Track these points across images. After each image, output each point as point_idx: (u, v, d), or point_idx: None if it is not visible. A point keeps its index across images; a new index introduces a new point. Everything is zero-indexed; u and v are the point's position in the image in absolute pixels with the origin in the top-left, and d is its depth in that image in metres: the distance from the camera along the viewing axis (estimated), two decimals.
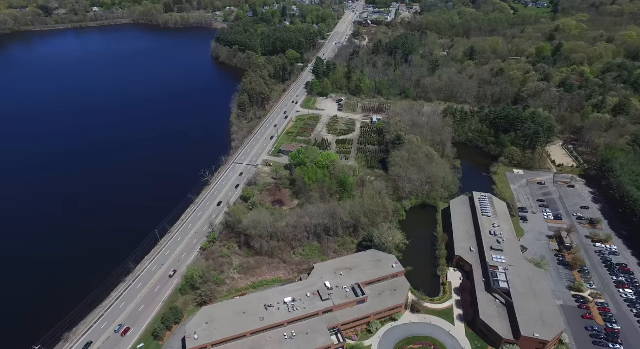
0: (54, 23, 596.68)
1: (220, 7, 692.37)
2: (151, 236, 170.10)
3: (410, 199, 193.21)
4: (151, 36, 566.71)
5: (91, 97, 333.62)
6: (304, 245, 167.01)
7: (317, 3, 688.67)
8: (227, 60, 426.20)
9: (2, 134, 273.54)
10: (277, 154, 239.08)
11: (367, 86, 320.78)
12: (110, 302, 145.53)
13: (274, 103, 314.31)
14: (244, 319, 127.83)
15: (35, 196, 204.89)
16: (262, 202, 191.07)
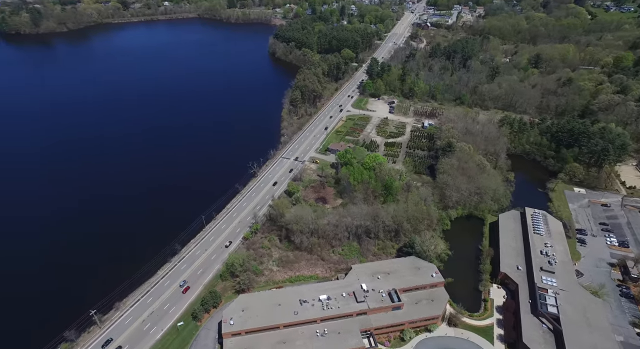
0: (130, 16, 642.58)
1: (280, 5, 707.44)
2: (198, 221, 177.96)
3: (457, 209, 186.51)
4: (213, 30, 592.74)
5: (154, 87, 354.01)
6: (343, 245, 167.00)
7: (376, 3, 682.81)
8: (283, 56, 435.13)
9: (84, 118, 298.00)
10: (324, 152, 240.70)
11: (421, 90, 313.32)
12: (156, 279, 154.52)
13: (325, 101, 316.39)
14: (279, 311, 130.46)
15: (105, 177, 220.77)
16: (305, 199, 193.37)
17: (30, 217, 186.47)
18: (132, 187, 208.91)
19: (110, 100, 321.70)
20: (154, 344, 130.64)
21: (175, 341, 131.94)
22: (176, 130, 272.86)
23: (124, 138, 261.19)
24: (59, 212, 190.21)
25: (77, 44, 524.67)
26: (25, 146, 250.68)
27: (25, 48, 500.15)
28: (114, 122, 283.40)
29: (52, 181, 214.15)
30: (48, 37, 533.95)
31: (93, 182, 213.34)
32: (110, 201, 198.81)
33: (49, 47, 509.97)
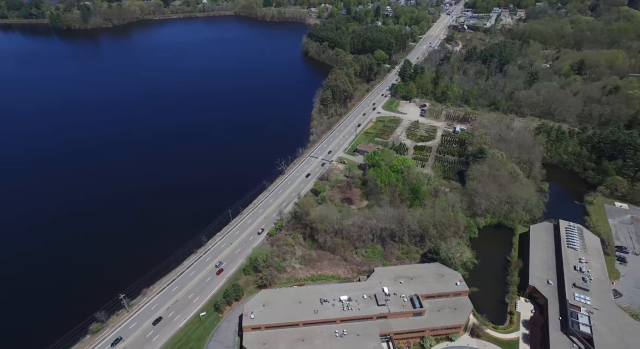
0: (170, 13, 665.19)
1: (316, 4, 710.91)
2: (224, 215, 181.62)
3: (485, 217, 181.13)
4: (249, 28, 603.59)
5: (189, 84, 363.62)
6: (367, 246, 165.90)
7: (412, 5, 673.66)
8: (315, 55, 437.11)
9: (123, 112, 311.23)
10: (352, 153, 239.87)
11: (454, 94, 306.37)
12: (182, 269, 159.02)
13: (356, 102, 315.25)
14: (299, 308, 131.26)
15: (140, 170, 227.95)
16: (331, 198, 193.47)
17: (75, 207, 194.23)
18: (164, 180, 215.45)
19: (147, 96, 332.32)
20: (177, 332, 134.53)
21: (198, 330, 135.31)
22: (208, 126, 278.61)
23: (159, 133, 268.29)
24: (99, 203, 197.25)
25: (120, 39, 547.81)
26: (68, 138, 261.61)
27: (75, 42, 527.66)
28: (150, 117, 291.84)
29: (96, 172, 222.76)
30: (95, 33, 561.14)
31: (131, 175, 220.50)
32: (144, 192, 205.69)
33: (95, 41, 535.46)
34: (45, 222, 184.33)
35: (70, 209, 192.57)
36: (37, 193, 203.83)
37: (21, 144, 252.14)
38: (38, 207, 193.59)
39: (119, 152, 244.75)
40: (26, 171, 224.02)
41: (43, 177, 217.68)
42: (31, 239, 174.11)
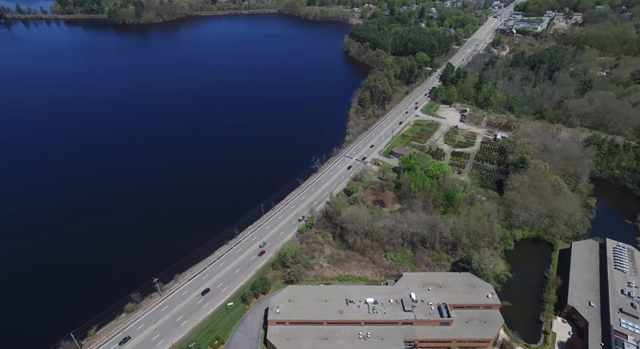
0: (217, 9, 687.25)
1: (359, 4, 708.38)
2: (256, 209, 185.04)
3: (523, 230, 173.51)
4: (292, 26, 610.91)
5: (232, 80, 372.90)
6: (396, 250, 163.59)
7: (458, 7, 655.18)
8: (356, 55, 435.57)
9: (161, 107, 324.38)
10: (387, 155, 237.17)
11: (497, 100, 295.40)
12: (213, 259, 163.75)
13: (394, 104, 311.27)
14: (324, 307, 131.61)
15: (181, 164, 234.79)
16: (363, 199, 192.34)
17: (124, 198, 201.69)
18: (202, 175, 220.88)
19: (190, 91, 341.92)
20: (205, 319, 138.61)
21: (225, 319, 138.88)
22: (247, 124, 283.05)
23: (197, 129, 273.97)
24: (142, 194, 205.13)
25: (168, 33, 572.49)
26: (117, 131, 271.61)
27: (127, 36, 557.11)
28: (192, 112, 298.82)
29: (136, 165, 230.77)
30: (146, 27, 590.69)
31: (169, 170, 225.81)
32: (182, 184, 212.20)
33: (145, 36, 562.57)
34: (98, 211, 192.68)
35: (120, 200, 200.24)
36: (92, 181, 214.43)
37: (78, 133, 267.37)
38: (93, 194, 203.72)
39: (158, 147, 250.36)
40: (82, 159, 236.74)
41: (94, 168, 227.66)
42: (82, 225, 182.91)
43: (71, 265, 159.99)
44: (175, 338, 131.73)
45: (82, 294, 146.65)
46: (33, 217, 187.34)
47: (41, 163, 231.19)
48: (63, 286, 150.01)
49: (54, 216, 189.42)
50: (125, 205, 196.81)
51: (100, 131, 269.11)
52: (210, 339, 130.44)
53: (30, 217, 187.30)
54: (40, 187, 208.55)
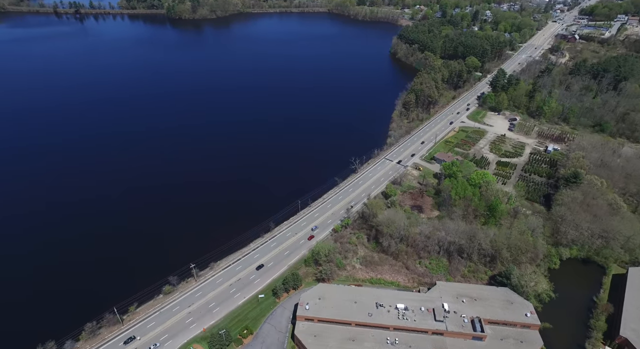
0: (267, 7, 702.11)
1: (410, 5, 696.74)
2: (293, 205, 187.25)
3: (571, 249, 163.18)
4: (341, 25, 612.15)
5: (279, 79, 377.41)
6: (431, 258, 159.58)
7: (515, 10, 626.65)
8: (403, 57, 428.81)
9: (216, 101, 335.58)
10: (429, 160, 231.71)
11: (551, 110, 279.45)
12: (247, 250, 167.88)
13: (439, 108, 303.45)
14: (354, 308, 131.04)
15: (228, 159, 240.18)
16: (401, 203, 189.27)
17: (171, 189, 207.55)
18: (246, 167, 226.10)
19: (238, 87, 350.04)
20: (236, 309, 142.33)
21: (255, 310, 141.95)
22: (291, 121, 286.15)
23: (246, 125, 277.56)
24: (190, 184, 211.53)
25: (220, 29, 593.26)
26: (164, 126, 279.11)
27: (183, 31, 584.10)
28: (238, 110, 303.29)
29: (180, 159, 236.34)
30: (200, 22, 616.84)
31: (216, 165, 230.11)
32: (226, 178, 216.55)
33: (199, 31, 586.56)
34: (144, 200, 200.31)
35: (170, 191, 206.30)
36: (149, 173, 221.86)
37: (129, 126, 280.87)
38: (143, 184, 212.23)
39: (199, 142, 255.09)
40: (143, 150, 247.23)
41: (151, 160, 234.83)
42: (133, 214, 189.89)
43: (118, 249, 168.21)
44: (207, 324, 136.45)
45: (126, 275, 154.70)
46: (92, 205, 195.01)
47: (109, 150, 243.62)
48: (109, 267, 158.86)
49: (114, 205, 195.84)
50: (174, 196, 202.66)
51: (151, 124, 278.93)
52: (240, 328, 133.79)
53: (89, 205, 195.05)
54: (107, 174, 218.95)
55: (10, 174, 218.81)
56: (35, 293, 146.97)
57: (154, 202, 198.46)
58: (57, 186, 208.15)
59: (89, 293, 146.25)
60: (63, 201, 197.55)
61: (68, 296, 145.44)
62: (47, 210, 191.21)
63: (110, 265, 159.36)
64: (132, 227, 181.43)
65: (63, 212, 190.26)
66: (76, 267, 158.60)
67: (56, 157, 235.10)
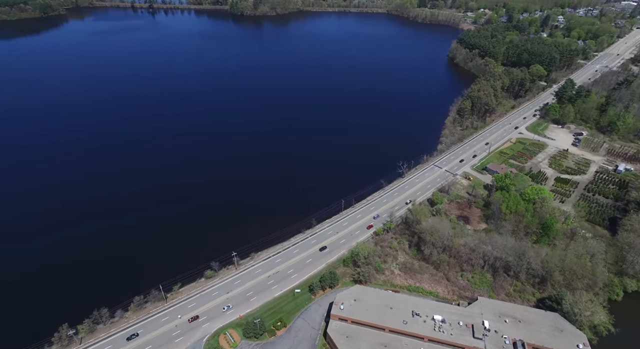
0: (327, 6, 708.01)
1: (474, 8, 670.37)
2: (337, 204, 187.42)
3: (639, 281, 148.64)
4: (399, 27, 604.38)
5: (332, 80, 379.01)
6: (475, 272, 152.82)
7: (594, 15, 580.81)
8: (462, 62, 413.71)
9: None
10: (480, 170, 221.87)
11: (626, 126, 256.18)
12: (288, 245, 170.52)
13: (496, 117, 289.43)
14: (389, 313, 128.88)
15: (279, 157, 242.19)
16: (447, 212, 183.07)
17: (229, 185, 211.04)
18: (294, 164, 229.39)
19: (292, 85, 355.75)
20: (272, 300, 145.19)
21: (290, 304, 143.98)
22: (340, 120, 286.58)
23: (295, 122, 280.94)
24: (241, 180, 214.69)
25: (279, 26, 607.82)
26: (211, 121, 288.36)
27: (244, 27, 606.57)
28: (290, 108, 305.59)
29: (232, 155, 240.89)
30: (260, 19, 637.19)
31: (270, 158, 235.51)
32: (274, 173, 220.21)
33: (259, 26, 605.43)
34: (198, 193, 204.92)
35: (221, 184, 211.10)
36: (181, 168, 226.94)
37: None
38: (188, 181, 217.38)
39: (259, 139, 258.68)
40: (192, 145, 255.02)
41: (200, 155, 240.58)
42: (187, 205, 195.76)
43: (168, 233, 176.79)
44: (243, 311, 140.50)
45: (173, 257, 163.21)
46: (141, 198, 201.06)
47: (166, 145, 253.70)
48: (158, 248, 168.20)
49: (174, 196, 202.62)
50: (227, 190, 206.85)
51: (209, 119, 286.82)
52: (274, 319, 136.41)
53: (138, 199, 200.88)
54: (160, 166, 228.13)
55: (67, 164, 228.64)
56: (95, 268, 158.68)
57: (208, 195, 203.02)
58: (119, 179, 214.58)
59: (139, 270, 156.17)
60: (128, 191, 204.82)
61: (120, 271, 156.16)
62: (114, 202, 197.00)
63: (159, 247, 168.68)
64: (183, 214, 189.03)
65: (125, 203, 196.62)
66: (128, 249, 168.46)
67: (102, 151, 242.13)
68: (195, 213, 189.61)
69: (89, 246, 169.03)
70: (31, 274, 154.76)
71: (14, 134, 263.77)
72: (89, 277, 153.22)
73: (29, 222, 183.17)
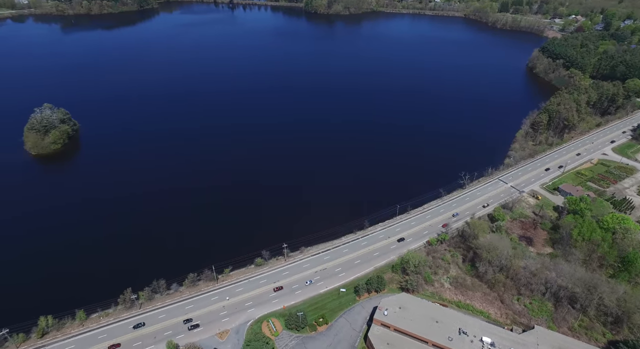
0: (401, 7, 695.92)
1: (563, 14, 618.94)
2: (391, 208, 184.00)
3: None
4: (475, 32, 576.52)
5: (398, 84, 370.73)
6: (533, 298, 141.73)
7: None
8: (542, 72, 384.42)
9: None
10: (551, 190, 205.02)
11: None
12: (339, 243, 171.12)
13: (577, 134, 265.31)
14: (434, 327, 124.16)
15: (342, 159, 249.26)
16: (508, 230, 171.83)
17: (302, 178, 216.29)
18: (352, 166, 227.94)
19: (357, 88, 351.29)
20: (316, 296, 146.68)
21: (334, 302, 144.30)
22: (405, 125, 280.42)
23: (360, 126, 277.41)
24: (299, 176, 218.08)
25: (351, 26, 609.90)
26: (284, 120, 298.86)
27: (316, 24, 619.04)
28: (359, 110, 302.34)
29: (299, 154, 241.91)
30: (333, 18, 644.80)
31: (330, 159, 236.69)
32: (333, 173, 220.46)
33: (331, 25, 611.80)
34: (260, 184, 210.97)
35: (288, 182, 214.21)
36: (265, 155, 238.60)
37: None
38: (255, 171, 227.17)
39: (322, 141, 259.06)
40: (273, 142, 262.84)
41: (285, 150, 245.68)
42: (246, 199, 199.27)
43: (226, 219, 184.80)
44: (288, 303, 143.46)
45: (228, 242, 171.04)
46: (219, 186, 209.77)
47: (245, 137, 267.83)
48: (215, 234, 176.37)
49: (238, 186, 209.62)
50: (284, 182, 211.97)
51: (281, 118, 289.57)
52: (317, 315, 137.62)
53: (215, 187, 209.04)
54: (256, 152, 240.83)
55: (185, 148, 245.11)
56: (159, 243, 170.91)
57: (270, 187, 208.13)
58: (196, 170, 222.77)
59: (196, 250, 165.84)
60: (205, 179, 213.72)
61: (180, 249, 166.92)
62: (195, 187, 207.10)
63: (216, 230, 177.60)
64: (243, 203, 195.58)
65: (200, 190, 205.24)
66: (189, 229, 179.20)
67: (186, 143, 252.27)
68: (254, 203, 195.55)
69: (158, 224, 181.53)
70: (112, 246, 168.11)
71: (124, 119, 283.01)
72: (153, 250, 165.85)
73: (127, 202, 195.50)
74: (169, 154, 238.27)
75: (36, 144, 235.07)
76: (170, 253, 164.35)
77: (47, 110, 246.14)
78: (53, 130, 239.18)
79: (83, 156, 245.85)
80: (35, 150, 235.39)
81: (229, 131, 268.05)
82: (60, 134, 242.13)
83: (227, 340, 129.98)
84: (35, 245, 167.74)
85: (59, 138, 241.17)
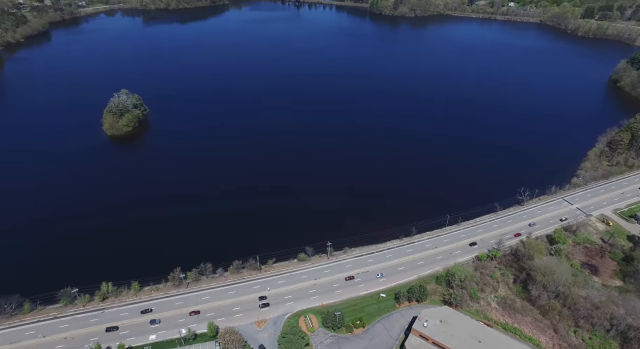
0: (470, 11, 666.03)
1: None
2: (441, 217, 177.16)
3: None
4: (550, 40, 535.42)
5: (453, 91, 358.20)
6: (594, 333, 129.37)
7: None
8: (628, 86, 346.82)
9: None
10: (626, 217, 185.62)
11: None
12: (381, 247, 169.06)
13: None
14: (476, 346, 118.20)
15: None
16: (570, 255, 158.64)
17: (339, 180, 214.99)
18: (407, 173, 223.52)
19: (415, 95, 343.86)
20: (355, 297, 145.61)
21: (372, 306, 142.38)
22: (468, 137, 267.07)
23: (417, 135, 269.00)
24: (352, 177, 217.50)
25: (416, 29, 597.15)
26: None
27: (380, 25, 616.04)
28: (418, 119, 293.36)
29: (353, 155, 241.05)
30: (398, 19, 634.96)
31: (386, 164, 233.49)
32: (392, 179, 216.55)
33: (394, 27, 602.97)
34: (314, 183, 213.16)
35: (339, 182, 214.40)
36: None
37: None
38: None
39: (378, 145, 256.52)
40: None
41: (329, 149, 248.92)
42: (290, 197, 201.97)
43: (276, 213, 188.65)
44: (327, 301, 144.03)
45: (274, 234, 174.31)
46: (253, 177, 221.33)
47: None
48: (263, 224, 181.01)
49: (292, 180, 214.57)
50: (338, 183, 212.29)
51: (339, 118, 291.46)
52: (354, 317, 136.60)
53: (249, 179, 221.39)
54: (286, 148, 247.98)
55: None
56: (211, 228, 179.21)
57: (322, 186, 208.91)
58: (252, 162, 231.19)
59: (240, 239, 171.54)
60: (263, 172, 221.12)
61: (228, 236, 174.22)
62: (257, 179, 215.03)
63: (265, 222, 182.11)
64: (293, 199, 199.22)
65: (258, 182, 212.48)
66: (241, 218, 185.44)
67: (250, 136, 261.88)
68: (303, 200, 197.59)
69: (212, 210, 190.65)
70: (169, 228, 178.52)
71: None
72: (204, 234, 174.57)
73: (190, 187, 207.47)
74: (231, 146, 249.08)
75: (112, 125, 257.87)
76: (220, 239, 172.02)
77: (124, 95, 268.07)
78: (127, 113, 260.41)
79: (150, 138, 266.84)
80: (111, 131, 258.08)
81: (294, 129, 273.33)
82: (133, 118, 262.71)
83: (264, 329, 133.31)
84: (106, 217, 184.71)
85: (131, 121, 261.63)
